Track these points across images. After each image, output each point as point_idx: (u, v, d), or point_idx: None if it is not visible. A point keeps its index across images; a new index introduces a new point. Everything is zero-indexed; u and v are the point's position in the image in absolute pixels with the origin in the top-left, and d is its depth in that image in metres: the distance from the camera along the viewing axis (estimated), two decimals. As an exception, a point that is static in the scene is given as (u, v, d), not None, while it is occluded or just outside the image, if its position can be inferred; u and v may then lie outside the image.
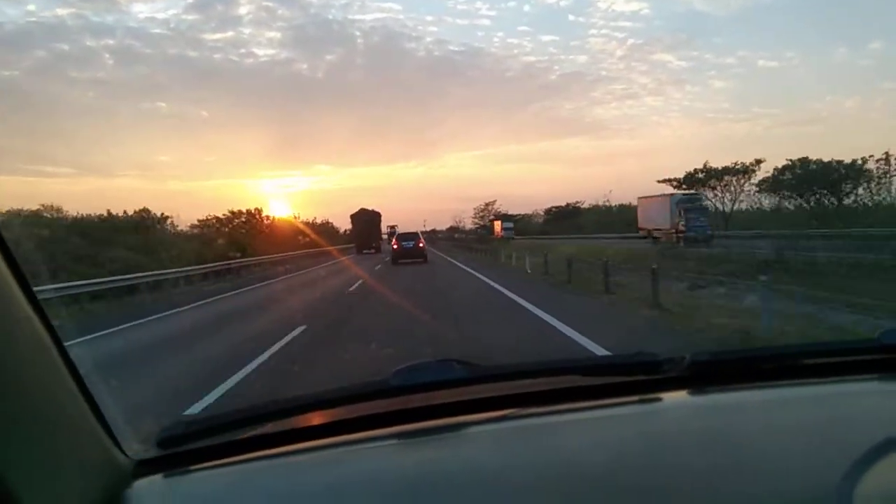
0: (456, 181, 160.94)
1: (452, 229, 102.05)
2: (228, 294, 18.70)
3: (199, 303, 16.17)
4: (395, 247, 32.02)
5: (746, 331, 7.39)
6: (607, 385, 1.35)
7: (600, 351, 6.72)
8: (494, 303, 12.59)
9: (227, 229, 43.42)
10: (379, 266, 29.00)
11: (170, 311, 14.11)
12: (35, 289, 0.90)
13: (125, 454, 1.07)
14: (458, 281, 18.84)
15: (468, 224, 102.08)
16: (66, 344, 0.95)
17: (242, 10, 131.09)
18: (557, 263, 17.96)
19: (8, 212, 23.49)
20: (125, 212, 31.35)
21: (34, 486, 0.78)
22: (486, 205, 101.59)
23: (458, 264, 27.46)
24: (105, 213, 29.51)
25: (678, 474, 0.98)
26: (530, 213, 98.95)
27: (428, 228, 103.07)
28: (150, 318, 12.93)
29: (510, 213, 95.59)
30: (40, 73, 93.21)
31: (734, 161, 49.99)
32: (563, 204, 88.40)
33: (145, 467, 1.08)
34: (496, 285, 15.77)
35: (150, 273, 20.07)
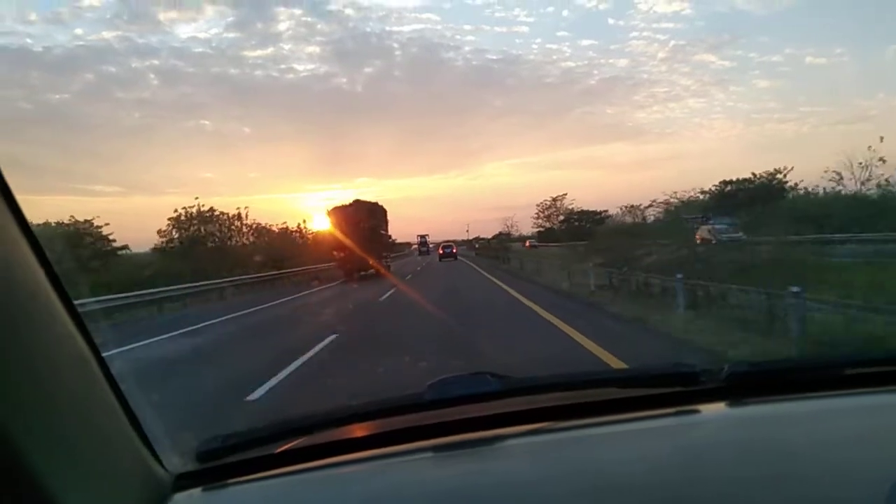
0: (496, 190, 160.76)
1: (500, 235, 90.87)
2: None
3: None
4: (440, 251, 59.40)
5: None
6: (644, 397, 1.33)
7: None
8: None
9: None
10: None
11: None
12: (79, 301, 0.92)
13: (164, 468, 1.09)
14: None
15: (522, 229, 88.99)
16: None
17: (282, 27, 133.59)
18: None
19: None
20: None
21: (76, 499, 0.79)
22: (554, 199, 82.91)
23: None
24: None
25: (717, 487, 0.96)
26: (604, 210, 72.46)
27: (472, 236, 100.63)
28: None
29: (586, 209, 77.15)
30: (89, 95, 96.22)
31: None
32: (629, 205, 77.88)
33: (184, 481, 1.10)
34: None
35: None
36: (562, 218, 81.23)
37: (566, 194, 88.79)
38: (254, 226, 37.20)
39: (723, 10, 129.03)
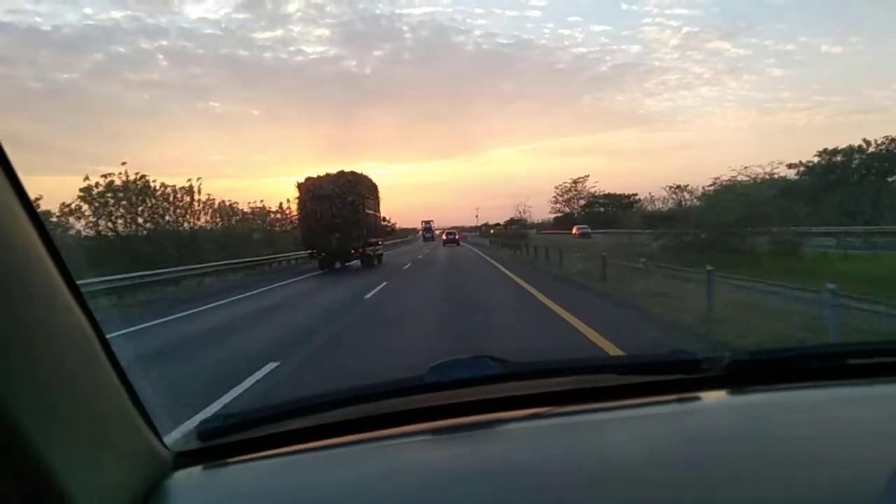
0: (504, 176, 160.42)
1: (512, 221, 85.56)
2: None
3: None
4: (444, 238, 63.92)
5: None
6: (644, 384, 1.33)
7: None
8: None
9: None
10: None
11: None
12: (90, 280, 0.90)
13: (165, 446, 1.09)
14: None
15: (535, 215, 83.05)
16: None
17: (291, 8, 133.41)
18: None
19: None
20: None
21: (77, 476, 0.80)
22: (574, 182, 77.53)
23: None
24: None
25: (717, 474, 0.97)
26: (633, 194, 69.15)
27: (480, 223, 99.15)
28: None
29: (611, 192, 73.79)
30: (98, 75, 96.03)
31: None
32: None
33: (185, 459, 1.10)
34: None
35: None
36: (583, 202, 75.98)
37: (588, 176, 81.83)
38: (209, 203, 28.58)
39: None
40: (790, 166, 36.43)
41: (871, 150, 36.07)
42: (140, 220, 23.77)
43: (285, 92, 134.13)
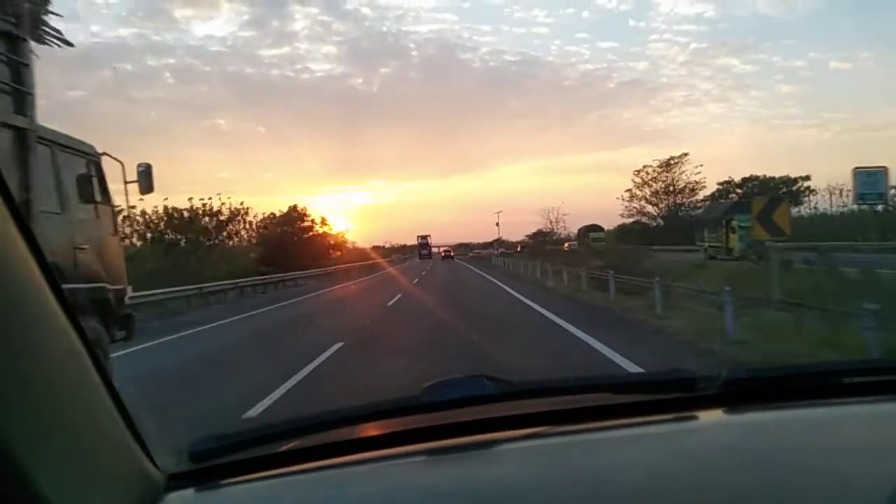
0: (512, 193, 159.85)
1: (543, 235, 71.51)
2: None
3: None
4: (441, 254, 75.28)
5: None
6: (641, 403, 1.33)
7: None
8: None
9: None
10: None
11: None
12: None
13: (157, 467, 1.08)
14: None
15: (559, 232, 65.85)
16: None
17: (298, 26, 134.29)
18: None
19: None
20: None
21: (65, 498, 0.78)
22: (667, 163, 50.25)
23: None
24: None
25: (715, 494, 0.96)
26: (804, 176, 46.76)
27: (494, 238, 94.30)
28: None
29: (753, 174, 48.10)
30: (105, 93, 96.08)
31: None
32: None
33: (177, 481, 1.09)
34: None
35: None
36: (679, 197, 44.30)
37: (687, 155, 50.95)
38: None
39: (746, 12, 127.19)
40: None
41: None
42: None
43: (292, 110, 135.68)
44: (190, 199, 32.93)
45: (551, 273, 24.37)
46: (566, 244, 55.75)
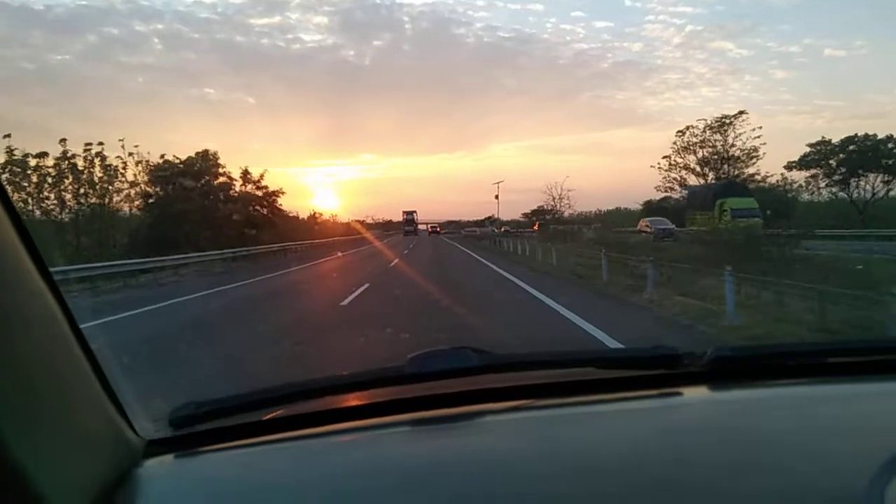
0: (503, 172, 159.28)
1: (543, 214, 54.20)
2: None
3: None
4: (428, 230, 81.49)
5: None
6: (626, 378, 1.33)
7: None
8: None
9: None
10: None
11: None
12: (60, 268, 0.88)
13: (136, 433, 1.07)
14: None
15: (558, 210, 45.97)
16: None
17: None
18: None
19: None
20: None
21: (44, 463, 0.77)
22: (720, 121, 40.91)
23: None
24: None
25: (697, 469, 0.96)
26: None
27: (485, 215, 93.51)
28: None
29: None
30: (91, 57, 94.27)
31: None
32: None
33: (156, 447, 1.08)
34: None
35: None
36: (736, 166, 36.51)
37: (745, 113, 42.26)
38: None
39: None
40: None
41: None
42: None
43: (282, 80, 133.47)
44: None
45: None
46: (643, 222, 39.74)
